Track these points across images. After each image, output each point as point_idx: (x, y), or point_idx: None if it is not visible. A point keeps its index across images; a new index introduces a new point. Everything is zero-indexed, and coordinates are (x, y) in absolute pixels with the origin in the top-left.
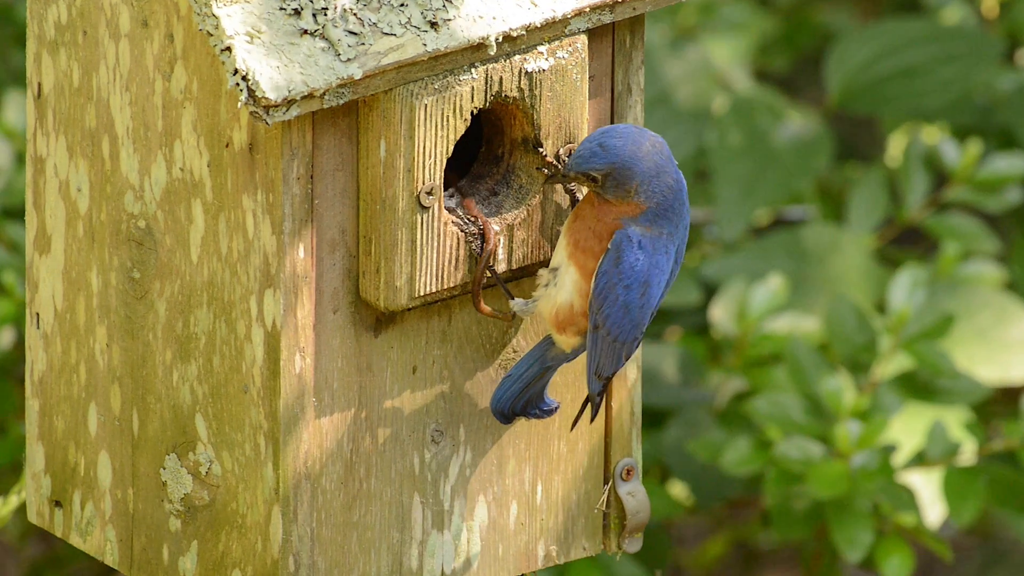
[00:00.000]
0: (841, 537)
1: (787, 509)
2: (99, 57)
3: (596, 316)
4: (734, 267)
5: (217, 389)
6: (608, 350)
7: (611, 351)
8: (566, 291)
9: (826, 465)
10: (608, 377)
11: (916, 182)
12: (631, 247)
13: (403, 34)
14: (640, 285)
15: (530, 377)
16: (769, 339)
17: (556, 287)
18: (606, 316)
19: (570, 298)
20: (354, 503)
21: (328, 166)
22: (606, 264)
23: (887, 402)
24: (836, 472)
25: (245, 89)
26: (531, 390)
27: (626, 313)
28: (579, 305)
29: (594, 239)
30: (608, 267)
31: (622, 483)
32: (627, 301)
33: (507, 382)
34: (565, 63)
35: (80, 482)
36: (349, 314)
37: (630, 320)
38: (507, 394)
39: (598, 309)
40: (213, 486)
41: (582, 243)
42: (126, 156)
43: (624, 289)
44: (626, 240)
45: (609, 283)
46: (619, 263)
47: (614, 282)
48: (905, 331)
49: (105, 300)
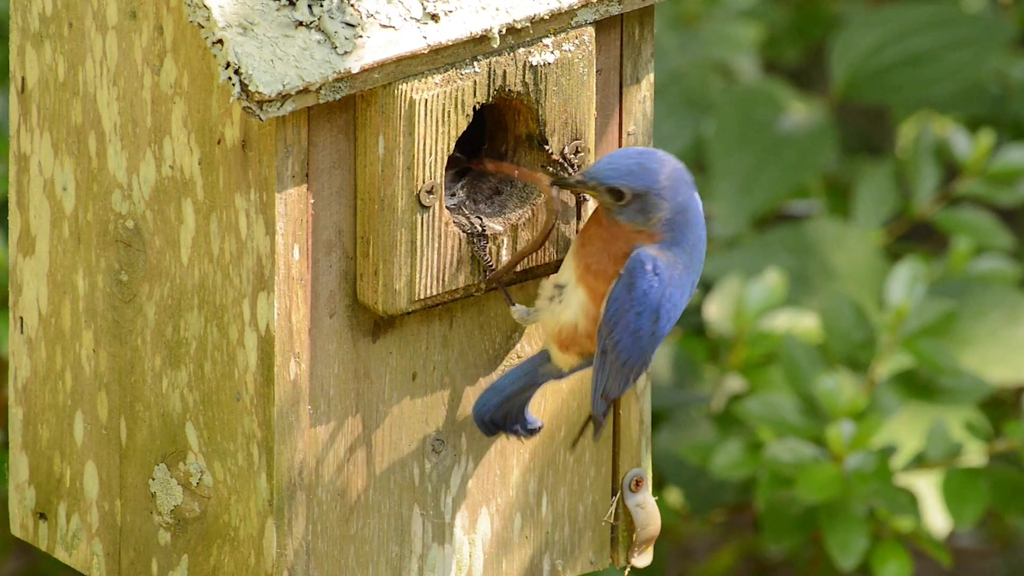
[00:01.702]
0: (834, 542)
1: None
2: (85, 50)
3: (605, 341)
4: (733, 264)
5: (208, 396)
6: (616, 374)
7: (619, 374)
8: (571, 311)
9: (817, 467)
10: (614, 399)
11: (925, 175)
12: (644, 274)
13: (402, 26)
14: (651, 313)
15: (515, 390)
16: (767, 337)
17: (561, 304)
18: (616, 342)
19: (575, 319)
20: (351, 515)
21: (324, 164)
22: (618, 290)
23: (886, 402)
24: (827, 475)
25: (238, 83)
26: (512, 403)
27: (636, 340)
28: (584, 327)
29: (608, 261)
30: (620, 293)
31: (631, 494)
32: (638, 327)
33: (490, 392)
34: (571, 56)
35: (65, 493)
36: (346, 318)
37: (639, 347)
38: (488, 405)
39: (607, 335)
40: (204, 497)
41: (594, 266)
42: (113, 153)
43: (635, 316)
44: (640, 266)
45: (620, 309)
46: (632, 289)
47: (625, 308)
48: (904, 328)
49: (92, 304)
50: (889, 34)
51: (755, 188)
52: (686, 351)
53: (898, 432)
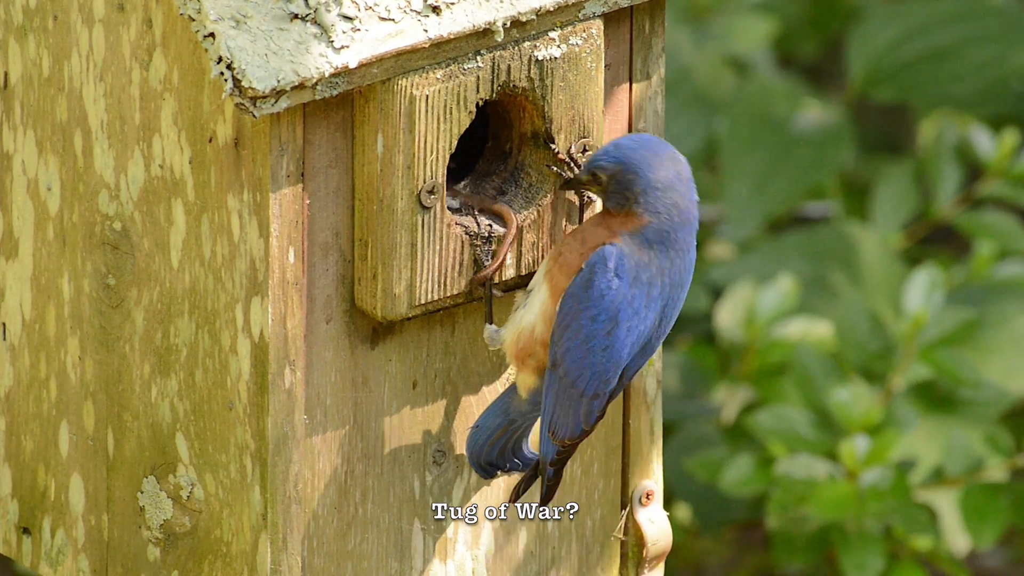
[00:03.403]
0: (849, 562)
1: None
2: (71, 44)
3: (555, 348)
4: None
5: (200, 406)
6: (564, 398)
7: (568, 401)
8: (532, 313)
9: (830, 485)
10: (565, 442)
11: (947, 176)
12: (605, 272)
13: (402, 19)
14: (607, 319)
15: (494, 428)
16: (779, 346)
17: (525, 309)
18: (565, 350)
19: (533, 321)
20: (349, 530)
21: (320, 163)
22: (575, 286)
23: (903, 415)
24: (841, 492)
25: (230, 79)
26: (499, 442)
27: (587, 352)
28: (540, 331)
29: (579, 254)
30: (576, 289)
31: (641, 508)
32: (590, 334)
33: (474, 432)
34: (579, 50)
35: (50, 507)
36: (343, 324)
37: (591, 364)
38: (476, 445)
39: (558, 338)
40: (195, 511)
41: (563, 258)
42: (100, 152)
43: (589, 320)
44: (601, 262)
45: (574, 308)
46: (589, 287)
47: (579, 309)
48: (923, 336)
49: (78, 309)
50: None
51: (769, 189)
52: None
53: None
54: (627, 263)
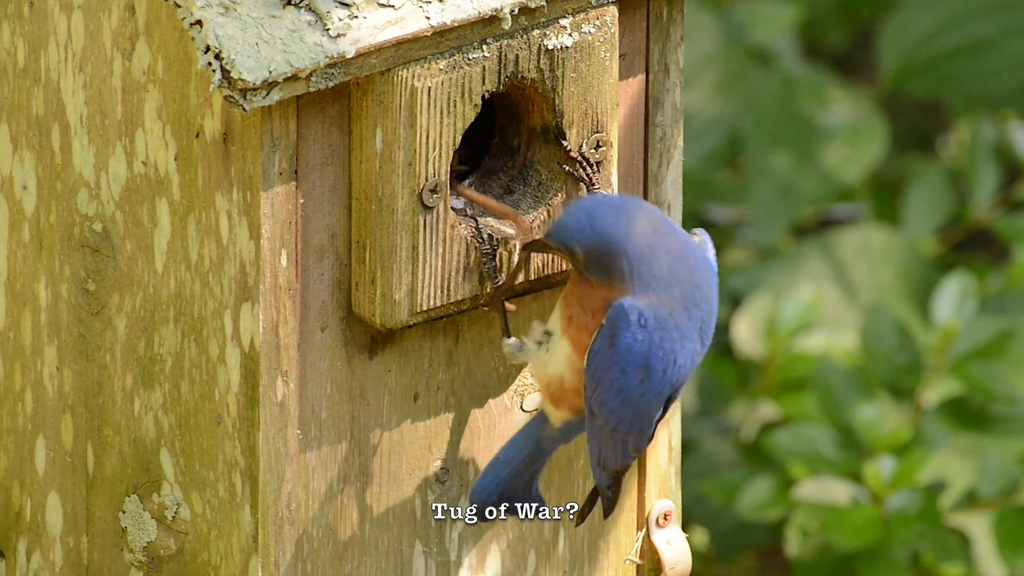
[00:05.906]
0: None
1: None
2: (48, 32)
3: (591, 401)
4: (766, 277)
5: (186, 420)
6: (608, 441)
7: (612, 442)
8: (557, 362)
9: (854, 509)
10: (617, 471)
11: (984, 177)
12: (628, 325)
13: (402, 5)
14: (637, 369)
15: (521, 460)
16: (801, 360)
17: (548, 353)
18: (601, 402)
19: (561, 372)
20: (345, 553)
21: (315, 160)
22: (599, 342)
23: (932, 433)
24: (866, 518)
25: (218, 69)
26: (521, 478)
27: (624, 402)
28: (570, 381)
29: (587, 315)
30: (601, 346)
31: (658, 530)
32: (623, 387)
33: (494, 467)
34: (592, 39)
35: (26, 528)
36: (340, 332)
37: (631, 410)
38: (493, 482)
39: (592, 393)
40: (181, 533)
41: (575, 319)
42: (79, 148)
43: (619, 373)
44: (622, 316)
45: (602, 365)
46: (614, 343)
47: (607, 365)
48: (954, 350)
49: (55, 316)
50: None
51: (795, 190)
52: (713, 374)
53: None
54: (647, 311)
